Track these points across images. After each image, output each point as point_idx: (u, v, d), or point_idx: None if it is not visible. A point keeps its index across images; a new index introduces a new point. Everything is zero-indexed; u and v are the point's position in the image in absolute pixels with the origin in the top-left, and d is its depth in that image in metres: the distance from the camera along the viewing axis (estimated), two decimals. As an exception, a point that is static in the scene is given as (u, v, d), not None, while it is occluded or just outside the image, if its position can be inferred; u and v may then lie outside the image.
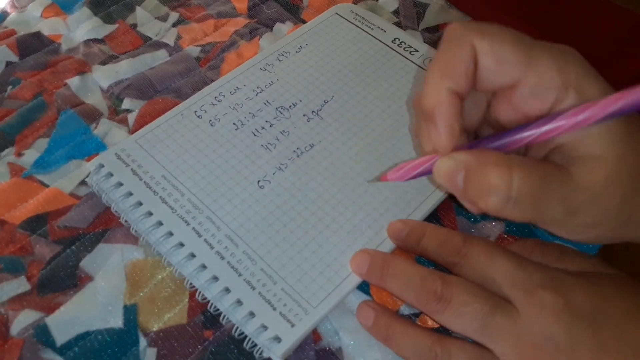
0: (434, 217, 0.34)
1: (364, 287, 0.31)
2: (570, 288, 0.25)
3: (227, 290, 0.30)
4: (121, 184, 0.34)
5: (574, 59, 0.23)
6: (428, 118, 0.24)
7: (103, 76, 0.41)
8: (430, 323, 0.30)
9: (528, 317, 0.25)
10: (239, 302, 0.29)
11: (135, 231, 0.32)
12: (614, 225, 0.24)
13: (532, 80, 0.22)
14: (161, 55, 0.43)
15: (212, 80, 0.40)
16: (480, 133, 0.28)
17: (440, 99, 0.23)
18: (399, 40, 0.42)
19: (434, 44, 0.44)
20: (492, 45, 0.22)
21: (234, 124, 0.37)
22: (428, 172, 0.25)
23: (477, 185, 0.23)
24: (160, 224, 0.32)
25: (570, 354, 0.24)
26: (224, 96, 0.38)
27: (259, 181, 0.34)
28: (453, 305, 0.26)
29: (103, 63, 0.42)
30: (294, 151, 0.36)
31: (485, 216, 0.34)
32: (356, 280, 0.31)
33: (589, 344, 0.24)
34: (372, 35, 0.42)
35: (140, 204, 0.33)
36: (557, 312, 0.25)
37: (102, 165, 0.35)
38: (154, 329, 0.30)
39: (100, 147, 0.37)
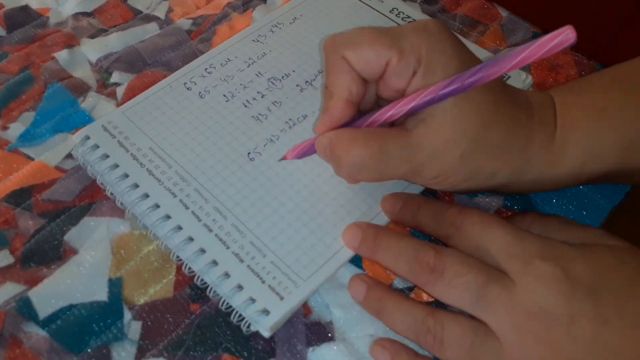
0: (430, 192, 0.33)
1: (356, 260, 0.30)
2: (569, 258, 0.24)
3: (215, 263, 0.29)
4: (107, 156, 0.33)
5: (426, 35, 0.26)
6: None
7: (92, 49, 0.40)
8: (424, 297, 0.29)
9: (524, 288, 0.24)
10: (227, 275, 0.29)
11: (121, 204, 0.32)
12: (461, 178, 0.27)
13: (393, 63, 0.26)
14: (151, 29, 0.42)
15: (202, 53, 0.39)
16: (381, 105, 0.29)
17: (339, 106, 0.27)
18: (397, 10, 0.41)
19: (433, 15, 0.43)
20: (356, 52, 0.26)
21: (224, 95, 0.36)
22: (314, 151, 0.29)
23: (334, 157, 0.27)
24: (146, 196, 0.31)
25: (568, 325, 0.23)
26: (215, 68, 0.37)
27: (249, 153, 0.33)
28: (446, 276, 0.25)
29: (92, 37, 0.41)
30: (286, 122, 0.35)
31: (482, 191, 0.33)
32: (348, 253, 0.30)
33: (589, 315, 0.23)
34: (369, 6, 0.41)
35: (127, 176, 0.32)
36: (555, 283, 0.23)
37: (88, 137, 0.34)
38: (140, 303, 0.29)
39: (88, 120, 0.36)
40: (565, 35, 0.20)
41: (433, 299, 0.29)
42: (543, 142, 0.28)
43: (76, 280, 0.30)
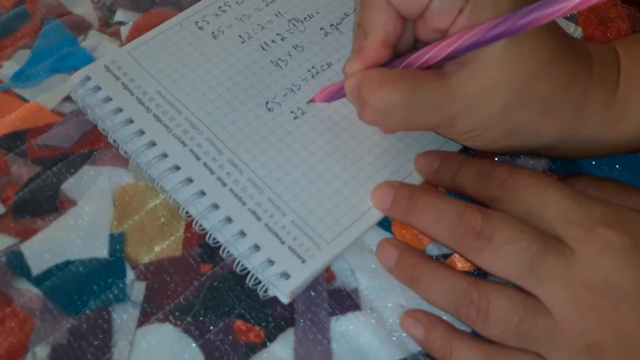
0: (467, 151, 0.30)
1: (385, 224, 0.27)
2: (638, 226, 0.21)
3: (229, 219, 0.26)
4: (110, 99, 0.30)
5: None
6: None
7: (94, -15, 0.36)
8: (460, 266, 0.26)
9: (586, 259, 0.21)
10: (242, 234, 0.26)
11: (125, 152, 0.28)
12: (499, 134, 0.24)
13: None
14: (160, -35, 0.38)
15: (217, -8, 0.35)
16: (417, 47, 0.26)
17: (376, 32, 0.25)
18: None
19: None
20: None
21: (239, 36, 0.32)
22: (344, 94, 0.26)
23: (359, 99, 0.24)
24: (153, 144, 0.28)
25: (637, 301, 0.20)
26: (229, 6, 0.33)
27: (267, 103, 0.30)
28: (495, 243, 0.22)
29: (94, -29, 0.37)
30: (309, 70, 0.31)
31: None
32: (377, 215, 0.27)
33: (661, 292, 0.20)
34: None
35: (131, 121, 0.29)
36: (623, 253, 0.21)
37: (88, 78, 0.30)
38: (144, 261, 0.26)
39: (89, 60, 0.33)
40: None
41: (470, 269, 0.26)
42: (601, 101, 0.24)
43: (74, 234, 0.27)
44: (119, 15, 0.35)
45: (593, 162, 0.29)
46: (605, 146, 0.26)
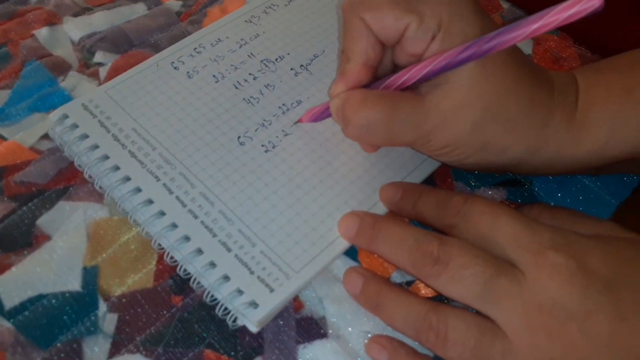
0: (429, 182, 0.31)
1: (352, 253, 0.28)
2: (584, 250, 0.22)
3: (200, 251, 0.27)
4: (87, 136, 0.31)
5: (447, 0, 0.25)
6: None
7: (75, 28, 0.38)
8: (423, 292, 0.27)
9: (536, 281, 0.22)
10: (212, 265, 0.26)
11: (100, 187, 0.29)
12: (470, 150, 0.26)
13: (412, 28, 0.25)
14: (139, 9, 0.40)
15: (192, 34, 0.37)
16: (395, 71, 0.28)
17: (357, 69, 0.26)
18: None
19: None
20: (374, 15, 0.25)
21: (213, 76, 0.34)
22: (329, 114, 0.28)
23: (344, 118, 0.26)
24: (127, 179, 0.29)
25: (584, 321, 0.21)
26: (204, 48, 0.35)
27: (239, 137, 0.31)
28: (451, 268, 0.23)
29: (75, 15, 0.39)
30: (280, 107, 0.33)
31: (485, 181, 0.31)
32: (344, 245, 0.28)
33: (606, 310, 0.21)
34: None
35: (107, 157, 0.30)
36: (570, 276, 0.22)
37: (66, 116, 0.31)
38: (116, 294, 0.27)
39: (67, 100, 0.34)
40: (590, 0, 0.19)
41: (432, 295, 0.27)
42: (562, 120, 0.26)
43: (47, 269, 0.27)
44: (99, 57, 0.36)
45: (551, 194, 0.31)
46: (568, 163, 0.27)
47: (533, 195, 0.31)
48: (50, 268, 0.27)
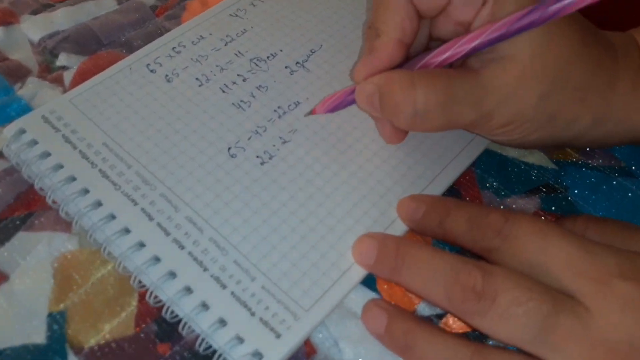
0: (452, 192, 0.27)
1: (368, 282, 0.24)
2: (657, 276, 0.19)
3: (189, 289, 0.22)
4: (48, 154, 0.26)
5: None
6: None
7: (34, 27, 0.33)
8: (455, 327, 0.23)
9: (604, 317, 0.18)
10: (205, 306, 0.22)
11: (66, 213, 0.25)
12: (535, 125, 0.24)
13: None
14: (108, 4, 0.35)
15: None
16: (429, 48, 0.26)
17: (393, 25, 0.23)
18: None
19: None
20: None
21: (196, 79, 0.29)
22: (351, 102, 0.25)
23: (388, 105, 0.23)
24: (99, 204, 0.24)
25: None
26: (185, 47, 0.31)
27: (229, 148, 0.27)
28: (499, 304, 0.19)
29: (34, 12, 0.35)
30: (275, 110, 0.28)
31: (514, 188, 0.27)
32: (360, 273, 0.23)
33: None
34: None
35: (74, 178, 0.25)
36: (645, 309, 0.18)
37: (23, 131, 0.27)
38: (90, 344, 0.22)
39: (25, 111, 0.29)
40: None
41: (465, 331, 0.23)
42: (627, 85, 0.24)
43: (4, 317, 0.22)
44: (62, 59, 0.32)
45: (590, 201, 0.27)
46: (632, 131, 0.25)
47: (569, 202, 0.27)
48: (8, 316, 0.22)
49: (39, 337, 0.22)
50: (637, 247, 0.21)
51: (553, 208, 0.27)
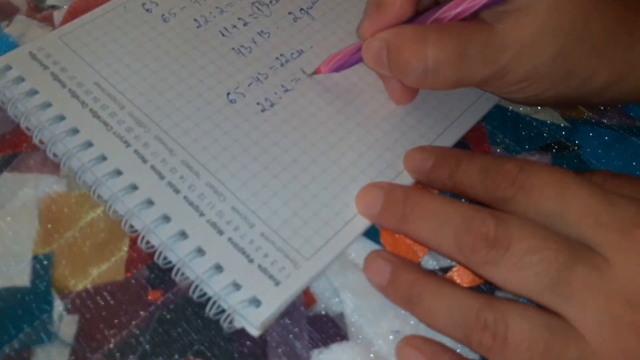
0: (461, 146, 0.26)
1: (371, 234, 0.23)
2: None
3: (183, 234, 0.21)
4: (36, 92, 0.24)
5: None
6: None
7: (22, -36, 0.31)
8: (460, 282, 0.22)
9: (624, 268, 0.17)
10: (200, 251, 0.21)
11: (54, 154, 0.23)
12: (550, 82, 0.22)
13: None
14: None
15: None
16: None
17: None
18: None
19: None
20: None
21: (195, 20, 0.27)
22: (358, 60, 0.24)
23: (397, 61, 0.22)
24: (89, 144, 0.23)
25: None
26: (183, -14, 0.29)
27: (228, 94, 0.25)
28: (513, 253, 0.18)
29: (23, -52, 0.32)
30: (277, 58, 0.27)
31: (525, 145, 0.26)
32: (363, 224, 0.22)
33: None
34: None
35: (62, 117, 0.24)
36: (668, 261, 0.17)
37: (9, 67, 0.25)
38: (77, 289, 0.21)
39: (13, 48, 0.27)
40: None
41: (478, 283, 0.22)
42: None
43: (-14, 258, 0.21)
44: (52, -1, 0.30)
45: (603, 160, 0.26)
46: None
47: (581, 160, 0.26)
48: (-9, 258, 0.21)
49: (22, 279, 0.21)
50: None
51: (565, 166, 0.26)
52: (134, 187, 0.22)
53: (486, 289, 0.22)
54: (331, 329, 0.21)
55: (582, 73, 0.22)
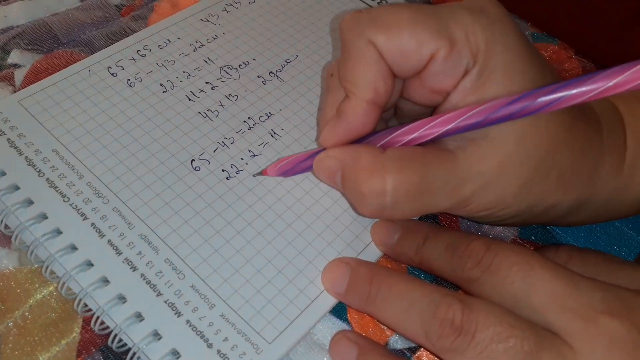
0: (429, 217, 0.26)
1: (338, 310, 0.22)
2: (645, 314, 0.18)
3: (139, 316, 0.20)
4: (-11, 160, 0.23)
5: (486, 22, 0.19)
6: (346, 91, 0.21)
7: (-15, 21, 0.31)
8: (429, 361, 0.21)
9: (589, 357, 0.17)
10: (157, 335, 0.20)
11: (5, 226, 0.22)
12: (514, 211, 0.21)
13: (440, 57, 0.19)
14: (69, 0, 0.33)
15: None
16: (399, 106, 0.23)
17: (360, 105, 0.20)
18: (380, -5, 0.34)
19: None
20: (390, 37, 0.19)
21: (161, 85, 0.27)
22: (308, 168, 0.23)
23: (353, 192, 0.21)
24: (43, 217, 0.22)
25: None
26: (150, 50, 0.29)
27: (192, 160, 0.25)
28: (479, 341, 0.17)
29: (-13, 5, 0.32)
30: (244, 122, 0.26)
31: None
32: (329, 302, 0.22)
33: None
34: (345, -11, 0.34)
35: (17, 187, 0.23)
36: (633, 349, 0.17)
37: (-38, 133, 0.24)
38: (22, 377, 0.20)
39: (-31, 111, 0.26)
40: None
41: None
42: (613, 166, 0.22)
43: None
44: (14, 57, 0.29)
45: (568, 230, 0.26)
46: (618, 210, 0.24)
47: (547, 231, 0.26)
48: None
49: (-37, 367, 0.20)
50: (622, 280, 0.20)
51: (533, 238, 0.26)
52: (89, 264, 0.21)
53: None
54: (294, 417, 0.20)
55: (547, 203, 0.22)
